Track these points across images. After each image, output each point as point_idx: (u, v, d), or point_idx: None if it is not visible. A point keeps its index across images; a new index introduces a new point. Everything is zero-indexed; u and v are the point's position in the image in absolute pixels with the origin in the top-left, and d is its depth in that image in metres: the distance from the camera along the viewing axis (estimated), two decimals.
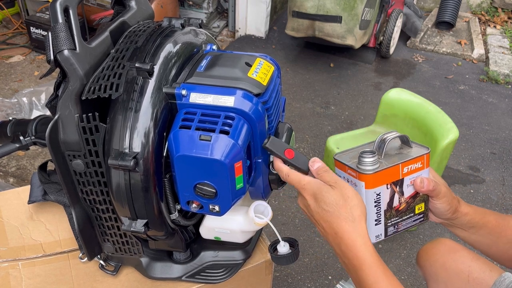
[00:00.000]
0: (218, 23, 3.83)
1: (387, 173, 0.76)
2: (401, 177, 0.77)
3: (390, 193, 0.78)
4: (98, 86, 0.72)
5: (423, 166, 0.78)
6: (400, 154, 0.79)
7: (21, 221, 1.04)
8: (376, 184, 0.76)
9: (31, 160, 2.35)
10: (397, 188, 0.78)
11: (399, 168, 0.76)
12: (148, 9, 0.92)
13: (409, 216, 0.82)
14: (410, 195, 0.79)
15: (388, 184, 0.77)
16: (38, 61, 3.18)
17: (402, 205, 0.80)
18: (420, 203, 0.81)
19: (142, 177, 0.73)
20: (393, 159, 0.78)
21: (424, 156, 0.78)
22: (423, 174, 0.79)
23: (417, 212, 0.82)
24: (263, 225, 0.85)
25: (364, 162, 0.75)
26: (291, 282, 1.88)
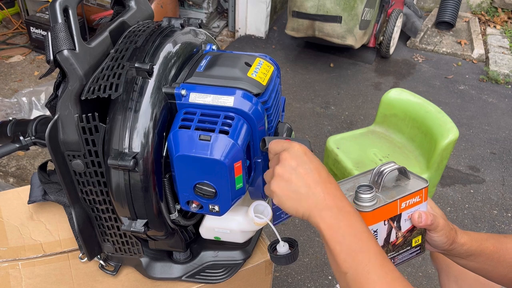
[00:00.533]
0: (218, 23, 3.83)
1: (385, 209, 0.74)
2: (399, 212, 0.75)
3: (387, 229, 0.76)
4: (97, 86, 0.72)
5: (421, 200, 0.76)
6: (397, 187, 0.77)
7: (21, 221, 1.04)
8: (374, 221, 0.74)
9: (31, 160, 2.35)
10: (394, 224, 0.76)
11: (397, 203, 0.74)
12: (147, 9, 0.92)
13: (405, 250, 0.80)
14: (408, 229, 0.77)
15: (386, 220, 0.75)
16: (38, 61, 3.18)
17: (399, 239, 0.78)
18: (417, 236, 0.79)
19: (142, 177, 0.73)
20: (391, 193, 0.75)
21: (423, 190, 0.75)
22: (421, 208, 0.77)
23: (414, 245, 0.80)
24: (263, 225, 0.85)
25: (362, 198, 0.73)
26: (291, 282, 1.88)
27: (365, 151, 2.05)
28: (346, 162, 1.96)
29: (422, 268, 1.97)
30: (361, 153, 2.03)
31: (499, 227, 2.19)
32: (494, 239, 0.83)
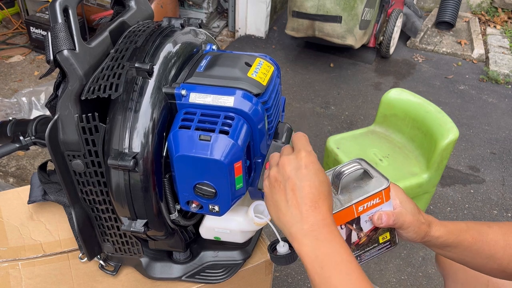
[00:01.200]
0: (218, 23, 3.83)
1: (340, 215, 0.73)
2: (357, 216, 0.74)
3: (346, 232, 0.75)
4: (97, 86, 0.72)
5: (381, 201, 0.73)
6: (358, 188, 0.74)
7: (21, 221, 1.04)
8: None
9: (31, 160, 2.35)
10: (353, 226, 0.75)
11: (353, 208, 0.73)
12: (147, 9, 0.92)
13: (372, 247, 0.79)
14: (371, 229, 0.76)
15: (343, 224, 0.74)
16: (38, 61, 3.18)
17: (363, 239, 0.76)
18: (383, 233, 0.77)
19: (142, 177, 0.73)
20: (349, 196, 0.74)
21: (382, 192, 0.73)
22: (383, 208, 0.74)
23: (382, 242, 0.78)
24: (262, 225, 0.85)
25: None
26: (291, 282, 1.88)
27: (365, 151, 2.05)
28: None
29: (422, 268, 1.97)
30: (361, 153, 2.03)
31: None
32: (475, 230, 0.80)
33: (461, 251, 0.80)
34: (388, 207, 0.75)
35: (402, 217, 0.75)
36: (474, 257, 0.81)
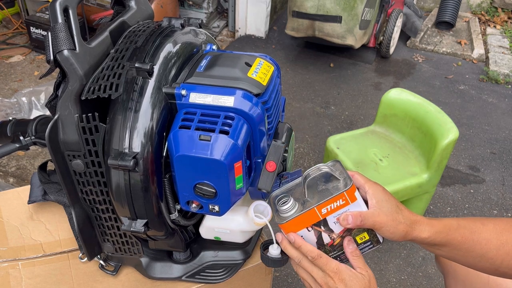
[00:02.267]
0: (218, 23, 3.83)
1: (303, 217, 0.74)
2: (322, 218, 0.74)
3: (315, 234, 0.76)
4: (97, 86, 0.72)
5: (346, 202, 0.73)
6: (324, 191, 0.74)
7: (21, 221, 1.04)
8: (294, 229, 0.75)
9: (31, 160, 2.35)
10: (321, 228, 0.75)
11: (315, 211, 0.73)
12: (147, 9, 0.92)
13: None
14: (343, 230, 0.76)
15: (309, 227, 0.74)
16: (38, 61, 3.18)
17: (337, 240, 0.77)
18: (360, 233, 0.77)
19: (142, 177, 0.73)
20: (315, 198, 0.74)
21: (344, 193, 0.72)
22: (350, 209, 0.74)
23: (361, 242, 0.78)
24: (262, 225, 0.85)
25: (280, 209, 0.75)
26: (291, 282, 1.88)
27: (365, 151, 2.05)
28: (346, 162, 1.96)
29: (422, 268, 1.97)
30: (361, 153, 2.03)
31: None
32: (466, 229, 0.79)
33: (451, 249, 0.80)
34: (356, 208, 0.74)
35: (373, 217, 0.74)
36: (464, 255, 0.81)
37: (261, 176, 0.78)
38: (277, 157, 0.79)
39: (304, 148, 2.60)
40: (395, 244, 2.06)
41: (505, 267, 0.79)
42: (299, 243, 0.76)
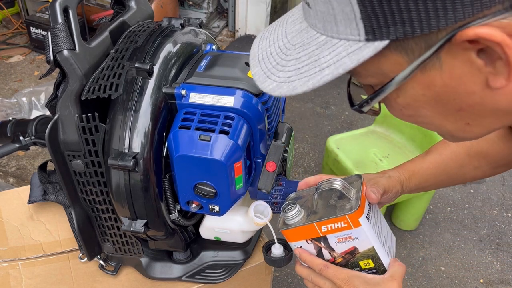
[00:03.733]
0: (218, 23, 3.83)
1: (302, 229, 0.72)
2: (322, 235, 0.71)
3: (314, 247, 0.73)
4: (97, 86, 0.72)
5: (348, 226, 0.68)
6: (332, 208, 0.71)
7: (21, 221, 1.04)
8: (294, 239, 0.74)
9: (31, 160, 2.35)
10: (322, 244, 0.72)
11: (315, 226, 0.70)
12: (147, 9, 0.92)
13: (356, 270, 0.75)
14: (345, 251, 0.72)
15: (308, 240, 0.72)
16: (38, 61, 3.18)
17: (338, 259, 0.73)
18: (364, 259, 0.73)
19: (142, 177, 0.73)
20: (320, 213, 0.71)
21: (346, 216, 0.68)
22: (352, 234, 0.69)
23: (365, 268, 0.74)
24: (262, 225, 0.85)
25: (285, 216, 0.73)
26: (291, 282, 1.88)
27: (365, 151, 2.05)
28: (346, 162, 1.96)
29: (422, 268, 1.97)
30: (361, 153, 2.03)
31: (499, 227, 2.19)
32: (439, 167, 0.85)
33: (433, 185, 0.87)
34: (360, 235, 0.70)
35: (379, 183, 0.77)
36: (448, 181, 0.88)
37: (261, 176, 0.78)
38: (277, 157, 0.79)
39: (304, 148, 2.60)
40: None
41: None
42: (304, 257, 0.74)
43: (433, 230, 2.15)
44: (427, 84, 0.42)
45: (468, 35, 0.36)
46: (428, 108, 0.45)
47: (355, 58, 0.41)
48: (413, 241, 2.09)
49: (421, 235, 2.12)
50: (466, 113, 0.44)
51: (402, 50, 0.40)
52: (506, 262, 2.02)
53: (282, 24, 0.51)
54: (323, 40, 0.44)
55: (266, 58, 0.49)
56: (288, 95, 0.45)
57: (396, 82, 0.42)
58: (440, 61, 0.40)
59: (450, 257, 2.03)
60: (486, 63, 0.38)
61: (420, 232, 2.13)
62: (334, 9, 0.41)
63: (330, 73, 0.43)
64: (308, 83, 0.44)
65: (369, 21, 0.39)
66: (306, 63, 0.44)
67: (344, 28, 0.41)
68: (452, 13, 0.36)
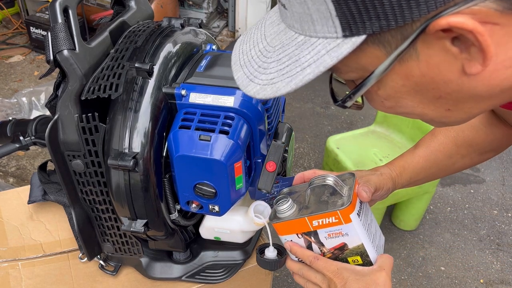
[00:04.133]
0: (218, 23, 3.83)
1: (294, 224, 0.72)
2: (313, 229, 0.72)
3: (304, 242, 0.74)
4: (97, 86, 0.72)
5: (339, 221, 0.69)
6: (324, 203, 0.72)
7: (21, 221, 1.04)
8: (285, 233, 0.75)
9: (31, 160, 2.35)
10: (312, 238, 0.73)
11: (306, 221, 0.71)
12: (147, 9, 0.92)
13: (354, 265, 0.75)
14: (334, 246, 0.73)
15: (299, 234, 0.73)
16: (38, 61, 3.18)
17: (327, 255, 0.74)
18: (353, 256, 0.73)
19: (142, 177, 0.73)
20: (312, 208, 0.72)
21: (337, 212, 0.69)
22: (343, 230, 0.70)
23: (353, 265, 0.74)
24: (262, 225, 0.85)
25: (277, 209, 0.75)
26: (291, 282, 1.88)
27: (365, 151, 2.05)
28: (346, 162, 1.96)
29: (422, 268, 1.97)
30: (361, 153, 2.03)
31: (499, 227, 2.19)
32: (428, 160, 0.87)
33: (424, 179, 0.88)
34: (350, 231, 0.70)
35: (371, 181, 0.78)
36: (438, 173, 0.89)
37: (261, 176, 0.78)
38: (277, 157, 0.79)
39: (304, 148, 2.60)
40: (395, 245, 2.06)
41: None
42: (295, 250, 0.75)
43: (433, 230, 2.15)
44: (405, 75, 0.43)
45: (441, 24, 0.37)
46: (409, 98, 0.46)
47: (335, 56, 0.42)
48: (413, 241, 2.09)
49: (421, 235, 2.12)
50: (446, 100, 0.45)
51: (379, 44, 0.41)
52: (506, 262, 2.02)
53: (260, 27, 0.52)
54: (302, 40, 0.44)
55: (247, 62, 0.49)
56: (272, 96, 0.46)
57: (376, 76, 0.43)
58: (416, 52, 0.40)
59: (450, 257, 2.03)
60: (461, 50, 0.39)
61: (420, 232, 2.13)
62: (310, 9, 0.41)
63: (312, 72, 0.43)
64: (290, 84, 0.44)
65: (344, 18, 0.40)
66: (287, 63, 0.45)
67: (321, 27, 0.42)
68: (424, 4, 0.37)
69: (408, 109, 0.48)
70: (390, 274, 0.70)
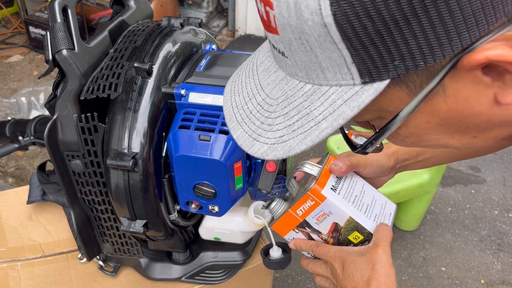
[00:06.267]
0: (218, 23, 3.83)
1: (285, 220, 0.72)
2: (301, 219, 0.71)
3: (304, 235, 0.73)
4: (96, 86, 0.72)
5: (316, 202, 0.68)
6: (304, 191, 0.70)
7: (20, 221, 1.04)
8: (283, 232, 0.74)
9: (30, 160, 2.35)
10: (307, 229, 0.72)
11: (291, 213, 0.70)
12: (147, 8, 0.92)
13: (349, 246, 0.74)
14: (330, 229, 0.71)
15: (295, 228, 0.72)
16: (37, 61, 3.18)
17: (330, 240, 0.72)
18: (350, 233, 0.71)
19: (141, 178, 0.73)
20: (296, 199, 0.71)
21: (308, 193, 0.68)
22: (324, 209, 0.69)
23: (357, 242, 0.72)
24: (262, 225, 0.84)
25: (270, 211, 0.74)
26: (291, 283, 1.87)
27: None
28: None
29: (423, 268, 1.96)
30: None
31: (500, 227, 2.19)
32: None
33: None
34: (331, 208, 0.69)
35: (355, 161, 0.72)
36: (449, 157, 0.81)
37: (261, 177, 0.78)
38: None
39: None
40: (395, 245, 2.06)
41: None
42: (299, 244, 0.73)
43: (433, 230, 2.15)
44: (431, 112, 0.39)
45: (478, 59, 0.33)
46: (433, 133, 0.42)
47: (354, 105, 0.37)
48: (414, 242, 2.08)
49: (422, 236, 2.11)
50: (473, 130, 0.41)
51: (402, 84, 0.37)
52: (507, 263, 2.02)
53: (251, 74, 0.46)
54: (310, 89, 0.39)
55: (246, 118, 0.44)
56: (285, 157, 0.40)
57: (401, 119, 0.39)
58: (443, 87, 0.36)
59: (451, 257, 2.02)
60: (494, 78, 0.35)
61: (420, 233, 2.13)
62: (318, 57, 0.36)
63: (329, 126, 0.38)
64: (305, 141, 0.39)
65: (363, 64, 0.35)
66: (297, 118, 0.40)
67: (334, 75, 0.37)
68: (457, 39, 0.33)
69: (432, 142, 0.44)
70: (387, 248, 0.66)
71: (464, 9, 0.32)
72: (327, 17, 0.33)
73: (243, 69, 0.48)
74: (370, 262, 0.64)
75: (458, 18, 0.32)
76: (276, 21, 0.37)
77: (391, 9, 0.32)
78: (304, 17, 0.34)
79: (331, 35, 0.34)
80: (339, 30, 0.34)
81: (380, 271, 0.62)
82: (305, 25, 0.35)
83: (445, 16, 0.32)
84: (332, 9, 0.33)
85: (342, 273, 0.66)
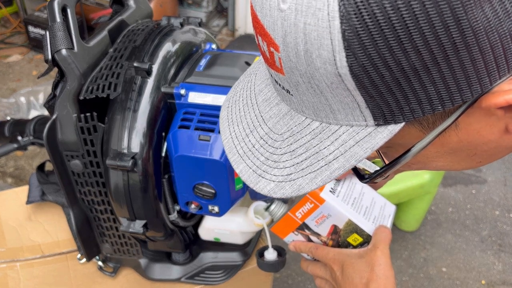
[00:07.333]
0: (218, 22, 3.83)
1: (284, 222, 0.72)
2: (300, 222, 0.70)
3: (304, 237, 0.73)
4: (96, 86, 0.72)
5: (315, 205, 0.68)
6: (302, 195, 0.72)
7: (19, 221, 1.04)
8: (283, 234, 0.74)
9: (29, 160, 2.35)
10: (306, 231, 0.72)
11: (290, 216, 0.71)
12: (147, 8, 0.92)
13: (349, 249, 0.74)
14: (329, 231, 0.72)
15: (294, 231, 0.72)
16: (36, 61, 3.18)
17: (329, 242, 0.73)
18: (350, 235, 0.71)
19: (141, 178, 0.72)
20: (295, 201, 0.72)
21: (308, 196, 0.68)
22: (323, 212, 0.69)
23: (356, 244, 0.72)
24: (262, 226, 0.84)
25: (270, 214, 0.74)
26: (291, 284, 1.87)
27: None
28: None
29: (424, 269, 1.96)
30: None
31: (501, 227, 2.19)
32: None
33: None
34: (329, 211, 0.69)
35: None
36: None
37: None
38: None
39: None
40: (396, 245, 2.06)
41: None
42: (299, 246, 0.73)
43: (434, 231, 2.14)
44: (441, 144, 0.38)
45: (498, 103, 0.32)
46: (440, 160, 0.41)
47: (368, 147, 0.35)
48: (414, 242, 2.08)
49: (423, 236, 2.11)
50: (480, 156, 0.40)
51: (416, 123, 0.35)
52: (508, 263, 2.01)
53: (249, 103, 0.43)
54: (318, 127, 0.37)
55: (249, 152, 0.42)
56: (294, 195, 0.38)
57: (413, 154, 0.38)
58: (456, 123, 0.36)
59: (452, 258, 2.02)
60: (506, 110, 0.34)
61: (421, 233, 2.13)
62: (329, 100, 0.34)
63: (341, 167, 0.36)
64: (316, 180, 0.37)
65: (378, 109, 0.33)
66: (305, 156, 0.38)
67: (345, 116, 0.35)
68: (477, 84, 0.31)
69: (438, 168, 0.43)
70: (386, 250, 0.65)
71: (486, 55, 0.30)
72: (342, 68, 0.31)
73: (238, 94, 0.46)
74: (369, 264, 0.64)
75: (479, 64, 0.31)
76: (282, 63, 0.34)
77: (411, 59, 0.30)
78: (315, 65, 0.32)
79: (345, 84, 0.32)
80: (354, 80, 0.32)
81: (379, 273, 0.62)
82: (316, 73, 0.32)
83: (466, 63, 0.30)
84: (349, 61, 0.31)
85: (341, 275, 0.66)
